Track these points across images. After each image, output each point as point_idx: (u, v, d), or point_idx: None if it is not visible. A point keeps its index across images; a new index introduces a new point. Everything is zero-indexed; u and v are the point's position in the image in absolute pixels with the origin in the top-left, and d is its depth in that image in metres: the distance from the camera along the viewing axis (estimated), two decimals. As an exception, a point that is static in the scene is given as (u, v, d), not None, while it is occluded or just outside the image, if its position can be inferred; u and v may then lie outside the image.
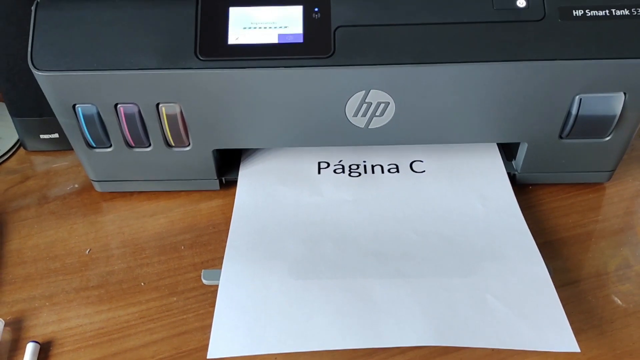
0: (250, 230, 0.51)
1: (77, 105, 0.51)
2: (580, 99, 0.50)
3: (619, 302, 0.48)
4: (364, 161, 0.58)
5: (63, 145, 0.63)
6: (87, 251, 0.54)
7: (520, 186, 0.58)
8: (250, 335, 0.42)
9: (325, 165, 0.58)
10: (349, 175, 0.57)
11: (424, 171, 0.57)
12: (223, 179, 0.58)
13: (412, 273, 0.47)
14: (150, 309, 0.49)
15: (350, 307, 0.44)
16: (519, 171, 0.57)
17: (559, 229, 0.54)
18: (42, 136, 0.63)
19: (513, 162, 0.58)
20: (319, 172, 0.57)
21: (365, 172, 0.57)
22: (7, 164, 0.64)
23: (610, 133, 0.53)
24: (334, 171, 0.57)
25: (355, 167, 0.57)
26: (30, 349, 0.45)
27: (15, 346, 0.46)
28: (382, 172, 0.57)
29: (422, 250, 0.49)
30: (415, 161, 0.58)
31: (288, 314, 0.44)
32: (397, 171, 0.57)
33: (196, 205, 0.58)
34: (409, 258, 0.48)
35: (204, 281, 0.49)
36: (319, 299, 0.45)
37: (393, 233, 0.51)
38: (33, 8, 0.49)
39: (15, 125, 0.63)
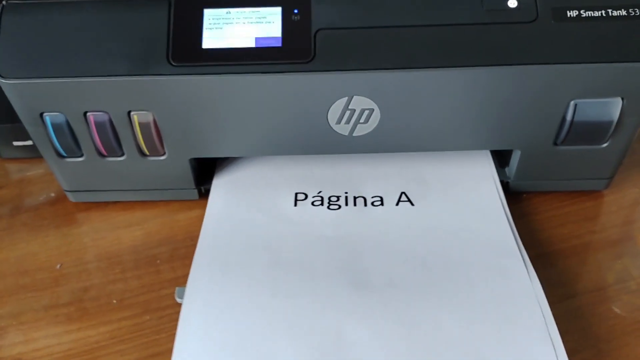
0: (218, 254, 0.48)
1: (44, 114, 0.48)
2: (576, 105, 0.47)
3: (617, 318, 0.46)
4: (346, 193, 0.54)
5: (37, 153, 0.60)
6: (58, 266, 0.51)
7: (514, 194, 0.55)
8: None
9: (303, 197, 0.53)
10: (328, 208, 0.52)
11: (411, 200, 0.52)
12: (202, 188, 0.56)
13: (383, 312, 0.43)
14: (122, 329, 0.46)
15: (320, 348, 0.41)
16: (512, 179, 0.54)
17: (554, 240, 0.52)
18: (15, 143, 0.61)
19: (506, 169, 0.55)
20: (296, 203, 0.53)
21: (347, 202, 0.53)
22: (-19, 172, 0.62)
23: (608, 139, 0.50)
24: (312, 204, 0.53)
25: (336, 198, 0.53)
26: (-8, 373, 0.43)
27: (-22, 370, 0.44)
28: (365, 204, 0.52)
29: (394, 284, 0.45)
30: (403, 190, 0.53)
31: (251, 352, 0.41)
32: (382, 204, 0.52)
33: (174, 215, 0.55)
34: (377, 288, 0.45)
35: (177, 299, 0.46)
36: (287, 334, 0.42)
37: (370, 255, 0.48)
38: (-2, 11, 0.47)
39: (-13, 133, 0.61)
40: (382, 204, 0.52)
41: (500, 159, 0.55)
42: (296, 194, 0.53)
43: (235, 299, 0.44)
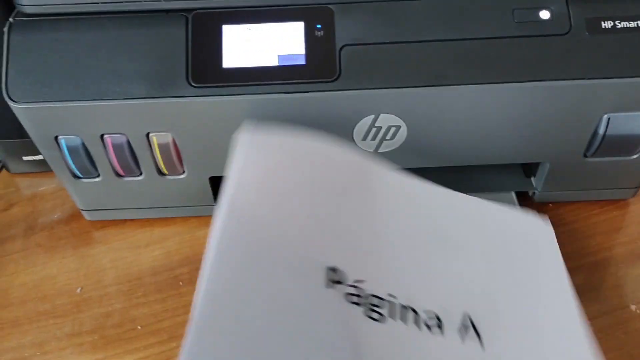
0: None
1: (59, 137, 0.46)
2: (609, 119, 0.46)
3: (650, 336, 0.45)
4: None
5: (48, 167, 0.58)
6: (79, 290, 0.50)
7: (540, 204, 0.54)
8: None
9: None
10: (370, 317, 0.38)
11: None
12: (222, 204, 0.54)
13: None
14: (149, 357, 0.45)
15: None
16: (539, 190, 0.53)
17: (584, 252, 0.51)
18: (25, 158, 0.59)
19: (532, 180, 0.54)
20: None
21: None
22: (-9, 187, 0.60)
23: (639, 151, 0.49)
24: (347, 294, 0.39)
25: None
26: (20, 411, 0.42)
27: (5, 406, 0.43)
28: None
29: None
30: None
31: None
32: (440, 330, 0.39)
33: (194, 232, 0.54)
34: None
35: (206, 327, 0.45)
36: None
37: None
38: (6, 30, 0.44)
39: (-4, 147, 0.59)
40: (439, 328, 0.39)
41: (526, 169, 0.54)
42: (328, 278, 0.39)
43: None
